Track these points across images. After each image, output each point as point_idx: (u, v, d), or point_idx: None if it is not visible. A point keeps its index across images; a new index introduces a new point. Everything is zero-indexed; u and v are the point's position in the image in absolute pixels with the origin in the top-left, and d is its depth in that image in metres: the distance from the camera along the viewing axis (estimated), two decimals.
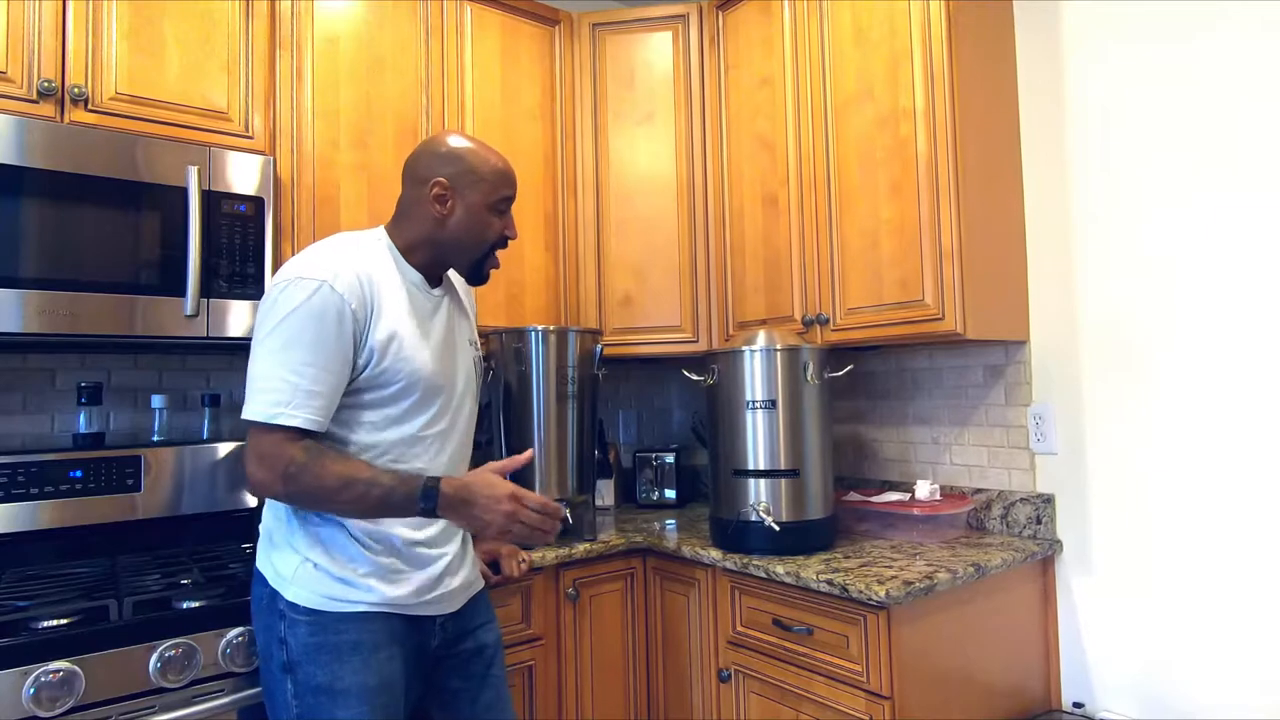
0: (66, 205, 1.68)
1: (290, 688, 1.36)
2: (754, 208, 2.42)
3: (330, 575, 1.37)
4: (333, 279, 1.34)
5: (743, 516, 1.98)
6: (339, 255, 1.40)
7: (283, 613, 1.37)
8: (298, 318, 1.32)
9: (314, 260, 1.38)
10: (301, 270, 1.35)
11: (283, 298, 1.33)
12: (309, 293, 1.32)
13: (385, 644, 1.40)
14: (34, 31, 1.73)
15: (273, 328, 1.32)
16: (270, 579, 1.40)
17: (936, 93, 1.94)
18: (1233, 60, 1.76)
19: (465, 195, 1.49)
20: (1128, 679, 1.91)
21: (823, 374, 2.01)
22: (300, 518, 1.40)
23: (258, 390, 1.31)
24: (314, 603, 1.36)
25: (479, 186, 1.50)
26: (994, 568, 1.84)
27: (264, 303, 1.36)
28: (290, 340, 1.31)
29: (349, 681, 1.35)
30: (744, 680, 1.94)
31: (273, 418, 1.30)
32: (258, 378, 1.32)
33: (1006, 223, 2.08)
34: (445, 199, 1.48)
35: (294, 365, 1.30)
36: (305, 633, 1.36)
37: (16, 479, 1.80)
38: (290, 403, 1.30)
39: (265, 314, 1.34)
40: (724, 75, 2.53)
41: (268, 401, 1.30)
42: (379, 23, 2.22)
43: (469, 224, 1.50)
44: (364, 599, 1.38)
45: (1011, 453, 2.14)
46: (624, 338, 2.55)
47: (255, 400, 1.31)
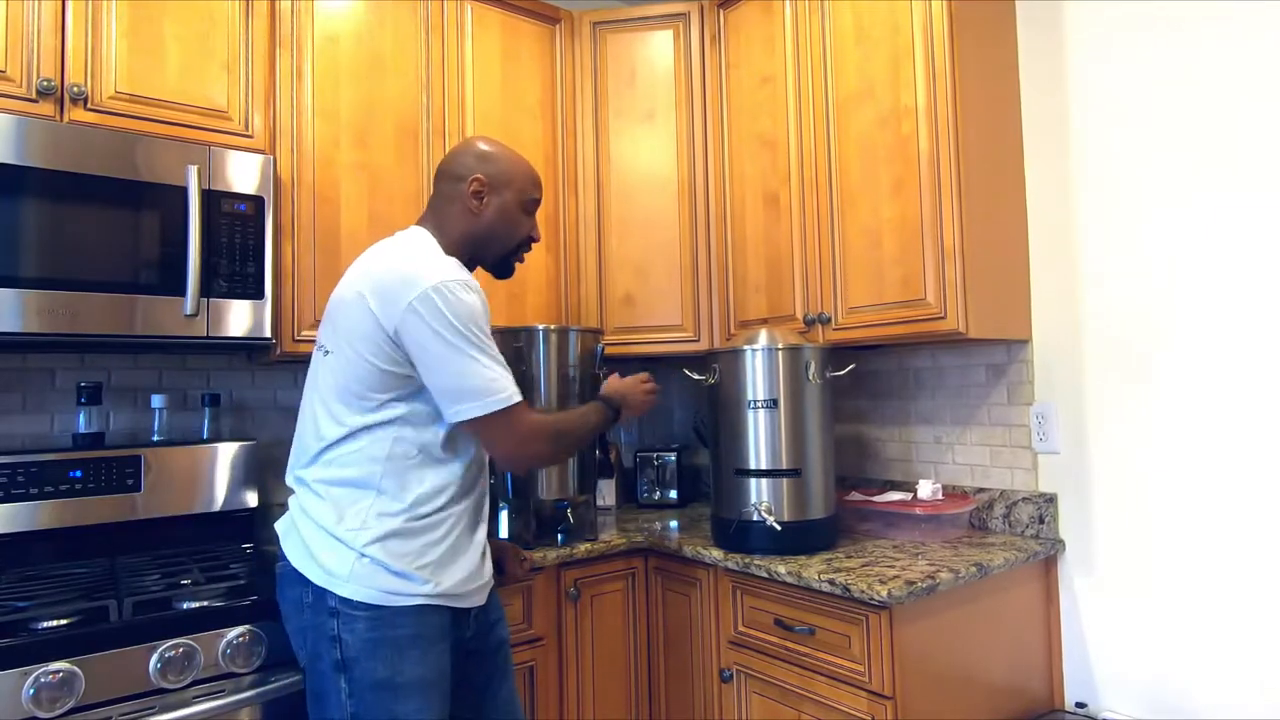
0: (66, 205, 1.68)
1: (345, 686, 1.36)
2: (755, 206, 2.41)
3: (388, 569, 1.38)
4: (468, 278, 1.45)
5: (744, 516, 1.97)
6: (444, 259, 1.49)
7: (335, 610, 1.37)
8: (467, 315, 1.40)
9: (437, 264, 1.45)
10: (441, 274, 1.41)
11: (453, 300, 1.39)
12: (470, 294, 1.42)
13: (439, 637, 1.43)
14: (33, 30, 1.72)
15: (458, 328, 1.39)
16: (315, 578, 1.39)
17: (938, 91, 1.93)
18: (1235, 60, 1.76)
19: (501, 192, 1.59)
20: (1131, 679, 1.91)
21: (824, 373, 2.01)
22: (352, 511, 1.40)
23: (479, 387, 1.40)
24: (373, 598, 1.37)
25: (512, 184, 1.61)
26: (996, 567, 1.83)
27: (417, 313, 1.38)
28: (477, 337, 1.41)
29: (410, 675, 1.37)
30: (746, 680, 1.93)
31: (509, 399, 1.42)
32: (471, 375, 1.40)
33: (1009, 221, 2.07)
34: (482, 195, 1.58)
35: (492, 355, 1.44)
36: (364, 628, 1.36)
37: (16, 479, 1.80)
38: (509, 385, 1.44)
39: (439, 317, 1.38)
40: (725, 73, 2.53)
41: (498, 388, 1.42)
42: (379, 21, 2.22)
43: (503, 220, 1.61)
44: (421, 591, 1.40)
45: (1014, 452, 2.13)
46: (625, 337, 2.55)
47: (483, 395, 1.40)
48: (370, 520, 1.39)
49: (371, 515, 1.40)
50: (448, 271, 1.43)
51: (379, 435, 1.42)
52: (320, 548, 1.41)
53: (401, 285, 1.40)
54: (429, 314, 1.38)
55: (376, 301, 1.41)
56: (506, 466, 1.53)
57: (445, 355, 1.39)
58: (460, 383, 1.40)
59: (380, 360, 1.41)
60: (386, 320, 1.39)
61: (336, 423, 1.44)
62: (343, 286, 1.50)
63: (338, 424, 1.44)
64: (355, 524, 1.40)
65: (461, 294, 1.41)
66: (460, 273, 1.45)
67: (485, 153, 1.61)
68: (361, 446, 1.42)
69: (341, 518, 1.41)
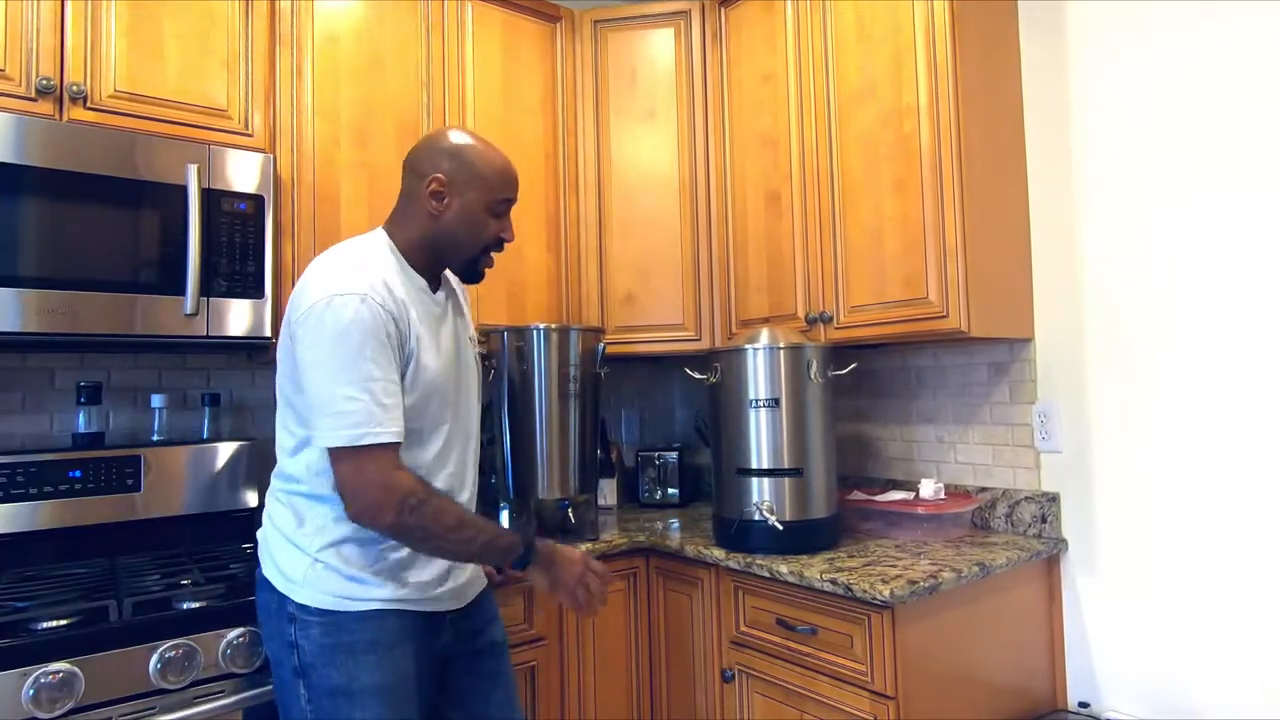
0: (65, 204, 1.67)
1: (304, 692, 1.35)
2: (757, 205, 2.41)
3: (341, 574, 1.36)
4: (370, 291, 1.32)
5: (746, 516, 1.97)
6: (363, 268, 1.37)
7: (293, 616, 1.36)
8: (351, 334, 1.29)
9: (343, 274, 1.34)
10: (337, 286, 1.32)
11: (328, 315, 1.29)
12: (354, 308, 1.30)
13: (399, 641, 1.39)
14: (32, 29, 1.72)
15: (327, 348, 1.29)
16: (277, 584, 1.39)
17: (940, 89, 1.92)
18: (1235, 60, 1.75)
19: (463, 193, 1.46)
20: (1134, 679, 1.90)
21: (826, 372, 2.00)
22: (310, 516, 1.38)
23: (333, 414, 1.28)
24: (326, 603, 1.35)
25: (477, 184, 1.47)
26: (999, 567, 1.83)
27: (306, 323, 1.31)
28: (349, 358, 1.29)
29: (366, 681, 1.34)
30: (747, 680, 1.93)
31: (358, 439, 1.27)
32: (327, 401, 1.29)
33: (1011, 220, 2.07)
34: (442, 195, 1.45)
35: (360, 382, 1.29)
36: (318, 634, 1.35)
37: (16, 479, 1.80)
38: (370, 420, 1.28)
39: (312, 335, 1.30)
40: (726, 72, 2.52)
41: (348, 424, 1.27)
42: (379, 20, 2.21)
43: (464, 223, 1.47)
44: (376, 595, 1.37)
45: (1016, 451, 2.13)
46: (626, 336, 2.54)
47: (332, 425, 1.28)
48: (328, 525, 1.37)
49: (329, 520, 1.38)
50: (345, 285, 1.32)
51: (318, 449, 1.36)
52: (279, 553, 1.40)
53: (299, 298, 1.35)
54: (307, 329, 1.31)
55: (288, 314, 1.38)
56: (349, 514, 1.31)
57: (309, 374, 1.31)
58: (318, 407, 1.30)
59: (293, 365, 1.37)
60: (288, 332, 1.37)
61: (288, 433, 1.42)
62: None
63: (288, 434, 1.42)
64: (311, 529, 1.38)
65: (341, 308, 1.29)
66: (361, 284, 1.32)
67: (452, 148, 1.47)
68: (307, 458, 1.39)
69: (301, 523, 1.39)
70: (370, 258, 1.41)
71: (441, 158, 1.46)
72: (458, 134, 1.50)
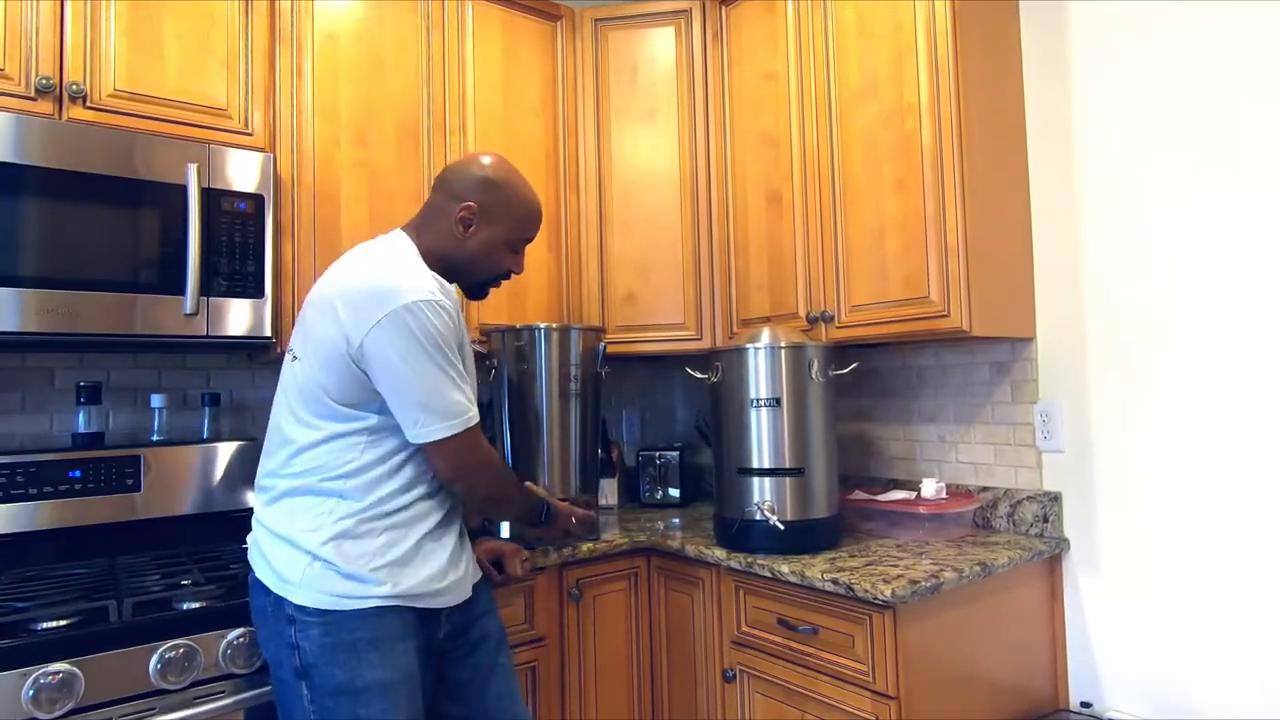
0: (65, 203, 1.67)
1: (307, 693, 1.35)
2: (758, 204, 2.40)
3: (339, 573, 1.36)
4: (442, 295, 1.43)
5: (747, 515, 1.96)
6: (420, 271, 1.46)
7: (291, 617, 1.36)
8: (434, 336, 1.38)
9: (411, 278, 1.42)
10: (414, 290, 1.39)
11: (418, 318, 1.37)
12: (440, 314, 1.40)
13: (401, 637, 1.40)
14: (32, 28, 1.71)
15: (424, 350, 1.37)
16: (273, 586, 1.38)
17: (942, 87, 1.92)
18: (1237, 60, 1.75)
19: (491, 226, 1.55)
20: (1136, 678, 1.90)
21: (827, 372, 2.00)
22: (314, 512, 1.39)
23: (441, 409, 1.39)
24: (325, 603, 1.36)
25: (505, 222, 1.57)
26: (1000, 567, 1.82)
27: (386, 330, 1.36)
28: (444, 358, 1.40)
29: (369, 678, 1.35)
30: (749, 680, 1.93)
31: (469, 422, 1.42)
32: (433, 397, 1.39)
33: (1013, 219, 2.06)
34: (470, 223, 1.54)
35: (457, 378, 1.42)
36: (319, 634, 1.35)
37: (15, 479, 1.79)
38: (468, 408, 1.43)
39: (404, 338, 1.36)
40: (727, 71, 2.52)
41: (459, 411, 1.41)
42: (379, 19, 2.20)
43: (485, 254, 1.57)
44: (375, 593, 1.38)
45: (1018, 450, 2.12)
46: (627, 335, 2.54)
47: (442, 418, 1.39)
48: (325, 523, 1.38)
49: (328, 519, 1.39)
50: (419, 289, 1.40)
51: (345, 443, 1.41)
52: (275, 554, 1.40)
53: (372, 300, 1.38)
54: (395, 334, 1.36)
55: (346, 313, 1.39)
56: (452, 485, 1.48)
57: (408, 376, 1.37)
58: (424, 404, 1.39)
59: (344, 372, 1.39)
60: (354, 333, 1.37)
61: (304, 428, 1.43)
62: (317, 292, 1.48)
63: (305, 430, 1.43)
64: (310, 526, 1.39)
65: (430, 315, 1.38)
66: (432, 290, 1.42)
67: (490, 180, 1.56)
68: (327, 453, 1.41)
69: (297, 521, 1.40)
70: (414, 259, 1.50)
71: (478, 188, 1.54)
72: (496, 168, 1.58)
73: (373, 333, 1.36)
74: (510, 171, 1.60)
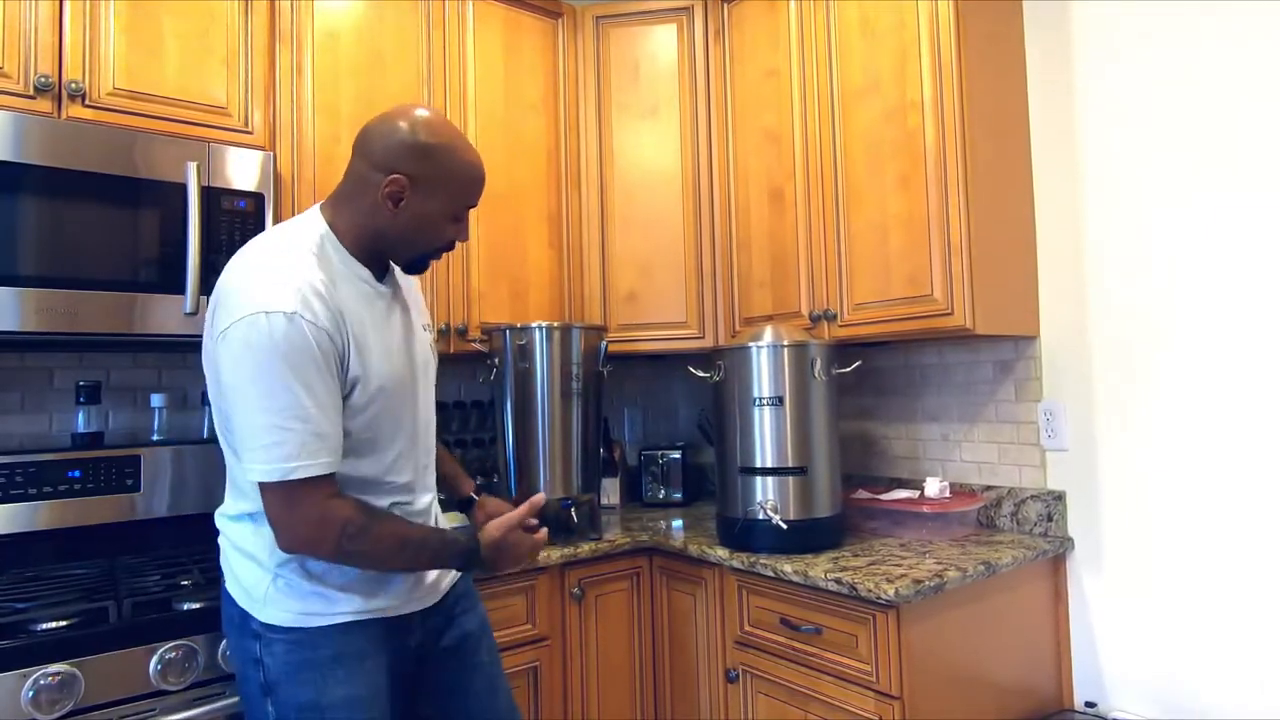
0: (64, 202, 1.66)
1: (272, 709, 1.30)
2: (760, 202, 2.39)
3: (303, 590, 1.30)
4: (300, 308, 1.19)
5: (750, 515, 1.95)
6: (294, 272, 1.24)
7: (257, 633, 1.30)
8: (283, 357, 1.18)
9: (268, 284, 1.21)
10: (262, 300, 1.19)
11: (253, 336, 1.17)
12: (281, 329, 1.18)
13: (370, 653, 1.34)
14: (30, 26, 1.71)
15: (251, 374, 1.18)
16: (239, 600, 1.33)
17: (945, 85, 1.91)
18: (1240, 59, 1.74)
19: (425, 199, 1.32)
20: (1141, 678, 1.89)
21: (830, 370, 1.99)
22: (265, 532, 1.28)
23: (261, 447, 1.19)
24: (289, 620, 1.29)
25: (442, 193, 1.33)
26: (1004, 566, 1.81)
27: (226, 343, 1.20)
28: (277, 385, 1.18)
29: (336, 695, 1.29)
30: (752, 680, 1.92)
31: (287, 474, 1.19)
32: (254, 432, 1.19)
33: (1016, 217, 2.05)
34: (399, 198, 1.31)
35: (290, 410, 1.18)
36: (283, 651, 1.29)
37: (15, 479, 1.79)
38: (302, 451, 1.19)
39: (235, 358, 1.19)
40: (729, 68, 2.51)
41: (278, 457, 1.18)
42: (380, 17, 2.20)
43: (420, 228, 1.35)
44: (343, 610, 1.31)
45: (1022, 449, 2.11)
46: (629, 334, 2.53)
47: (262, 458, 1.19)
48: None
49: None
50: (274, 299, 1.19)
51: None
52: (239, 569, 1.34)
53: (225, 305, 1.23)
54: (231, 350, 1.19)
55: (208, 315, 1.28)
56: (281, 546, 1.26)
57: (233, 400, 1.21)
58: (245, 438, 1.21)
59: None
60: (209, 339, 1.26)
61: (229, 447, 1.33)
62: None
63: (231, 453, 1.33)
64: (268, 544, 1.29)
65: (276, 329, 1.17)
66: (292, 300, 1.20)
67: (421, 147, 1.30)
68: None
69: (258, 538, 1.31)
70: (303, 253, 1.28)
71: (407, 156, 1.30)
72: (430, 126, 1.32)
73: (219, 341, 1.21)
74: (443, 131, 1.33)
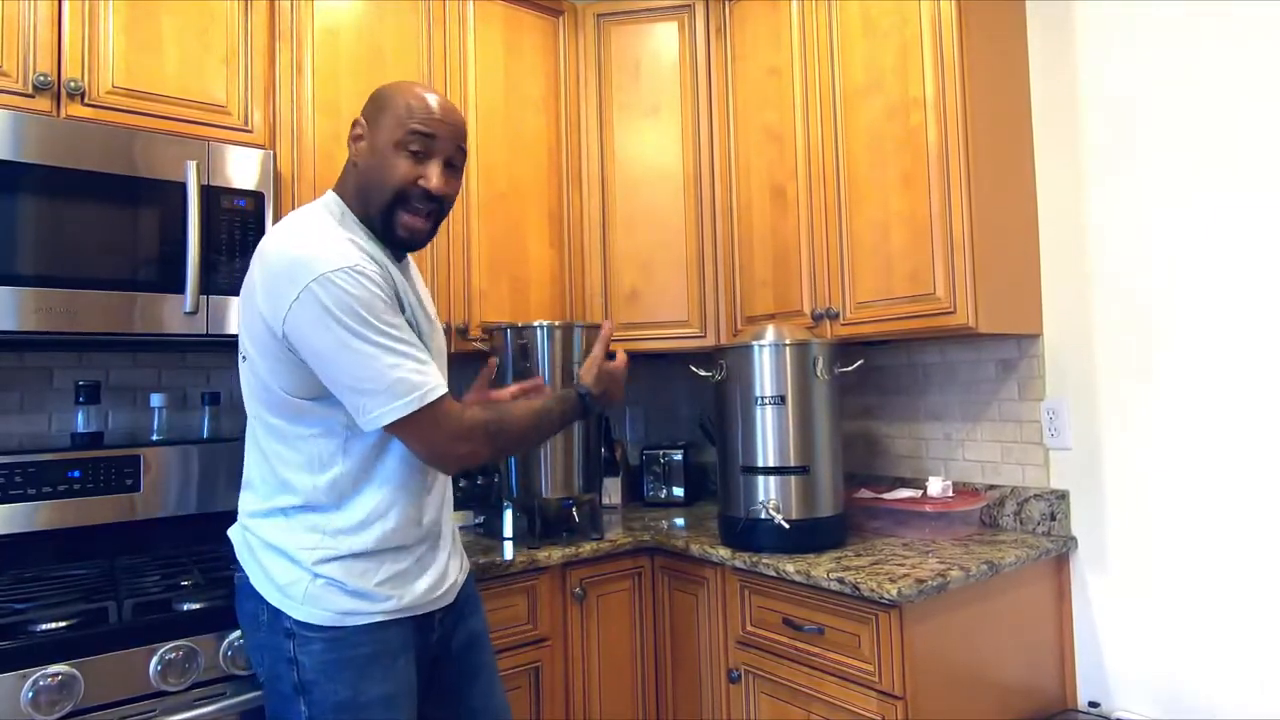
0: (63, 201, 1.66)
1: (305, 709, 1.30)
2: (762, 200, 2.38)
3: (344, 590, 1.30)
4: (356, 261, 1.25)
5: (752, 514, 1.95)
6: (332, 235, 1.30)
7: (290, 632, 1.30)
8: (361, 305, 1.23)
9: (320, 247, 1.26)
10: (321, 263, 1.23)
11: (326, 297, 1.21)
12: (355, 279, 1.23)
13: (401, 650, 1.36)
14: (29, 25, 1.70)
15: (346, 325, 1.22)
16: (270, 598, 1.31)
17: (947, 82, 1.90)
18: (1241, 59, 1.73)
19: (375, 131, 1.37)
20: (1145, 678, 1.88)
21: (832, 369, 1.98)
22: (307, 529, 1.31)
23: (381, 390, 1.23)
24: (329, 619, 1.29)
25: (385, 119, 1.36)
26: (1007, 565, 1.81)
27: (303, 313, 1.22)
28: (370, 329, 1.23)
29: (373, 694, 1.31)
30: (754, 680, 1.91)
31: (423, 400, 1.25)
32: (368, 378, 1.23)
33: (1019, 215, 2.04)
34: (360, 138, 1.39)
35: (393, 346, 1.25)
36: (321, 650, 1.29)
37: (14, 479, 1.78)
38: (421, 380, 1.26)
39: (316, 322, 1.22)
40: (731, 66, 2.50)
41: (404, 391, 1.24)
42: (380, 15, 2.19)
43: (374, 164, 1.36)
44: (380, 609, 1.33)
45: (1025, 448, 2.11)
46: (630, 333, 2.52)
47: (387, 400, 1.23)
48: (325, 539, 1.31)
49: (326, 532, 1.31)
50: (331, 258, 1.24)
51: (310, 446, 1.31)
52: (272, 566, 1.32)
53: (283, 280, 1.24)
54: (312, 313, 1.22)
55: (264, 299, 1.27)
56: (436, 467, 1.36)
57: (336, 359, 1.23)
58: (365, 384, 1.24)
59: (286, 362, 1.27)
60: (274, 321, 1.25)
61: (268, 434, 1.34)
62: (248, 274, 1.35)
63: (268, 436, 1.34)
64: (309, 542, 1.31)
65: (348, 285, 1.22)
66: (347, 255, 1.26)
67: (375, 92, 1.41)
68: (295, 458, 1.32)
69: (293, 536, 1.32)
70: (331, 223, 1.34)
71: (368, 105, 1.41)
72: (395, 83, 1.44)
73: (290, 317, 1.23)
74: (406, 82, 1.44)
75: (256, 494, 1.38)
